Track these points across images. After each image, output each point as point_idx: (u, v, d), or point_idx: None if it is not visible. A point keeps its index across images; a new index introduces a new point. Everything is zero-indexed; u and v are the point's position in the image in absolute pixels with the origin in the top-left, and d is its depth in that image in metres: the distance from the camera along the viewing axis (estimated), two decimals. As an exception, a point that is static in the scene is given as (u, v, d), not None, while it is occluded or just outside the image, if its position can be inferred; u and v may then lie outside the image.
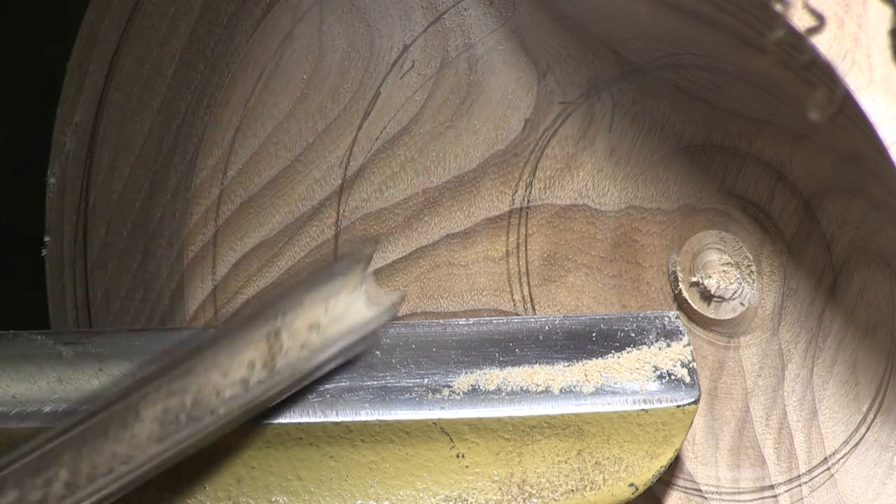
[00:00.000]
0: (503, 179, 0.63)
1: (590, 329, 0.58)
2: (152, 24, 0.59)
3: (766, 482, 0.61)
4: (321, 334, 0.52)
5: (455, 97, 0.62)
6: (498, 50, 0.61)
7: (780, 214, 0.61)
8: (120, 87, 0.59)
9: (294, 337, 0.52)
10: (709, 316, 0.62)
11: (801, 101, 0.55)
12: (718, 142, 0.61)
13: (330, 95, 0.61)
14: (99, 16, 0.59)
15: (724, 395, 0.62)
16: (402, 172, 0.62)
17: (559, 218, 0.63)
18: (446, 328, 0.58)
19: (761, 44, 0.54)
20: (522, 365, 0.57)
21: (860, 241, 0.59)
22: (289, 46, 0.60)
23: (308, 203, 0.62)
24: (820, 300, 0.61)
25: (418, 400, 0.55)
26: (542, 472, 0.56)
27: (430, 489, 0.55)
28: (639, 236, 0.63)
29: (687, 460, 0.62)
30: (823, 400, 0.61)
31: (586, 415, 0.56)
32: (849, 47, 0.50)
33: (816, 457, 0.60)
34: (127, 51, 0.59)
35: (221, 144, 0.61)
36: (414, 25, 0.61)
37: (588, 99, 0.61)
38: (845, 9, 0.50)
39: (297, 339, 0.52)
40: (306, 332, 0.52)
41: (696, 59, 0.59)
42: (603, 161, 0.62)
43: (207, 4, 0.59)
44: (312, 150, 0.62)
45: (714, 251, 0.62)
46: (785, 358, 0.61)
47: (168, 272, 0.61)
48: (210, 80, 0.60)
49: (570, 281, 0.63)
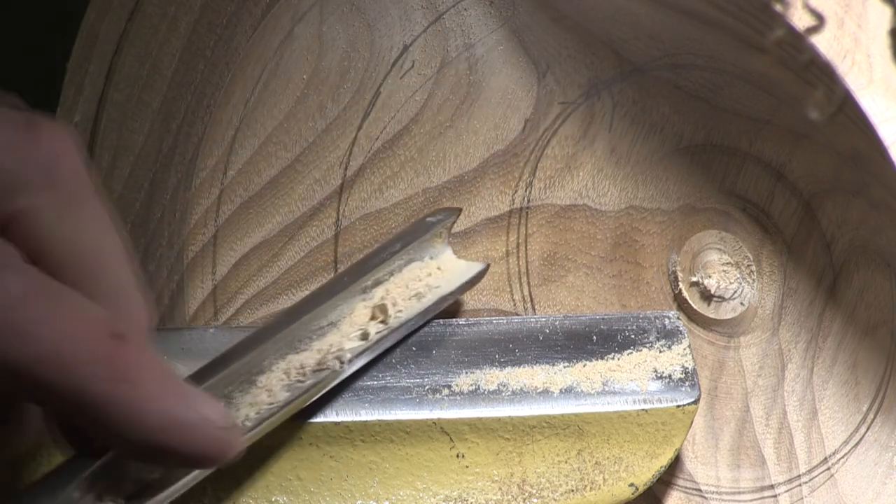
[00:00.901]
0: (503, 179, 0.62)
1: (590, 329, 0.58)
2: (152, 24, 0.59)
3: (766, 482, 0.61)
4: (429, 284, 0.58)
5: (455, 97, 0.62)
6: (498, 50, 0.61)
7: (780, 214, 0.61)
8: (120, 87, 0.59)
9: (403, 290, 0.57)
10: (709, 316, 0.62)
11: (801, 101, 0.55)
12: (718, 142, 0.61)
13: (330, 95, 0.61)
14: (99, 16, 0.59)
15: (724, 395, 0.62)
16: (402, 172, 0.62)
17: (559, 218, 0.63)
18: (446, 328, 0.58)
19: (761, 44, 0.54)
20: (522, 365, 0.57)
21: (860, 241, 0.59)
22: (289, 46, 0.60)
23: (308, 203, 0.62)
24: (820, 300, 0.61)
25: (418, 400, 0.55)
26: (542, 472, 0.56)
27: (430, 489, 0.55)
28: (639, 236, 0.63)
29: (687, 460, 0.62)
30: (823, 400, 0.60)
31: (586, 415, 0.56)
32: (849, 47, 0.50)
33: (816, 457, 0.60)
34: (127, 51, 0.59)
35: (221, 144, 0.61)
36: (414, 25, 0.61)
37: (588, 99, 0.61)
38: (845, 9, 0.50)
39: (407, 292, 0.57)
40: (415, 284, 0.57)
41: (696, 59, 0.59)
42: (603, 161, 0.62)
43: (207, 4, 0.59)
44: (312, 150, 0.62)
45: (714, 251, 0.62)
46: (785, 358, 0.61)
47: (168, 272, 0.61)
48: (210, 80, 0.60)
49: (570, 281, 0.63)
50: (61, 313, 0.44)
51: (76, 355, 0.44)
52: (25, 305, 0.44)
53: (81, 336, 0.44)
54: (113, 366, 0.45)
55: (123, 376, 0.45)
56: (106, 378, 0.45)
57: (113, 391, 0.45)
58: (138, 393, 0.45)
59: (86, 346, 0.44)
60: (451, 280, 0.58)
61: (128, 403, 0.45)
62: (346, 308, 0.56)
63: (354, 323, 0.56)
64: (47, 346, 0.44)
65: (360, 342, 0.55)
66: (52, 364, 0.44)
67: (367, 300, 0.56)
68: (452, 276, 0.59)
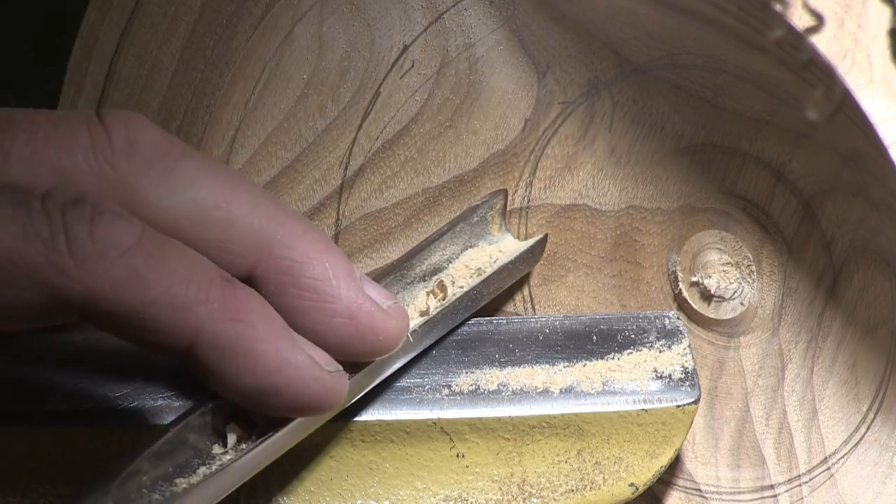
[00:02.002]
0: (503, 179, 0.63)
1: (590, 329, 0.58)
2: (152, 24, 0.59)
3: (766, 482, 0.61)
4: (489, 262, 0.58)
5: (455, 97, 0.62)
6: (498, 50, 0.61)
7: (780, 214, 0.61)
8: (120, 87, 0.59)
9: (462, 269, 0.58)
10: (709, 316, 0.62)
11: (801, 101, 0.55)
12: (718, 142, 0.61)
13: (330, 95, 0.61)
14: (99, 16, 0.59)
15: (724, 395, 0.62)
16: (402, 172, 0.62)
17: (559, 218, 0.63)
18: (446, 328, 0.58)
19: (761, 43, 0.54)
20: (522, 365, 0.57)
21: (860, 241, 0.59)
22: (289, 46, 0.60)
23: (308, 203, 0.62)
24: (820, 300, 0.61)
25: (418, 400, 0.56)
26: (542, 471, 0.56)
27: (430, 489, 0.55)
28: (639, 236, 0.63)
29: (687, 460, 0.62)
30: (823, 400, 0.61)
31: (586, 415, 0.56)
32: (849, 47, 0.50)
33: (816, 457, 0.60)
34: (127, 51, 0.59)
35: (221, 144, 0.61)
36: (414, 25, 0.61)
37: (588, 99, 0.61)
38: (845, 8, 0.50)
39: (467, 272, 0.58)
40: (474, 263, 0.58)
41: (696, 59, 0.59)
42: (603, 161, 0.62)
43: (207, 4, 0.59)
44: (312, 150, 0.62)
45: (714, 251, 0.62)
46: (785, 358, 0.61)
47: (168, 272, 0.61)
48: (210, 80, 0.60)
49: (570, 281, 0.63)
50: (172, 259, 0.46)
51: (189, 296, 0.45)
52: (139, 251, 0.45)
53: (193, 278, 0.46)
54: (226, 306, 0.46)
55: (236, 316, 0.46)
56: (219, 319, 0.46)
57: (227, 331, 0.46)
58: (251, 333, 0.46)
59: (198, 287, 0.46)
60: (510, 254, 0.59)
61: (241, 343, 0.46)
62: (408, 296, 0.56)
63: (417, 308, 0.56)
64: (162, 287, 0.45)
65: (420, 318, 0.55)
66: (167, 305, 0.45)
67: (428, 286, 0.57)
68: (511, 252, 0.59)
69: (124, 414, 0.52)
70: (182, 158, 0.48)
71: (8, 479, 0.52)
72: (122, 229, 0.45)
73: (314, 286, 0.49)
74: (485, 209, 0.60)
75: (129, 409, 0.52)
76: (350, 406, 0.54)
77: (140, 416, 0.52)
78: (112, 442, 0.52)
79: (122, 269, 0.45)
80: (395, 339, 0.51)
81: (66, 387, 0.52)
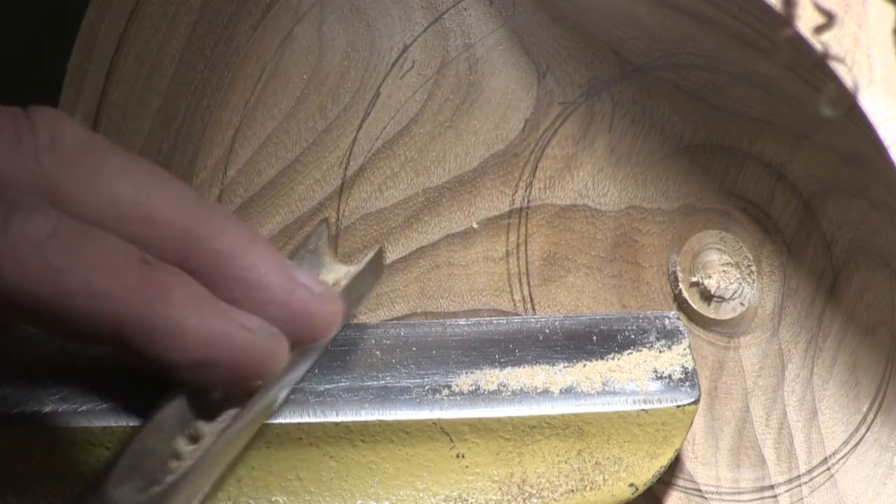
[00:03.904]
0: (503, 179, 0.63)
1: (590, 329, 0.58)
2: (152, 24, 0.59)
3: (766, 482, 0.61)
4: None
5: (455, 97, 0.62)
6: (498, 50, 0.61)
7: (780, 214, 0.61)
8: (120, 87, 0.59)
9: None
10: (709, 316, 0.62)
11: (801, 101, 0.55)
12: (718, 142, 0.61)
13: (330, 95, 0.61)
14: (99, 16, 0.59)
15: (724, 395, 0.62)
16: (402, 172, 0.62)
17: (559, 218, 0.63)
18: (446, 328, 0.58)
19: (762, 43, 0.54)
20: (522, 365, 0.57)
21: (860, 241, 0.59)
22: (289, 46, 0.60)
23: (308, 203, 0.62)
24: (820, 300, 0.61)
25: (418, 400, 0.55)
26: (542, 472, 0.56)
27: (430, 489, 0.55)
28: (639, 236, 0.63)
29: (687, 460, 0.62)
30: (823, 400, 0.61)
31: (586, 415, 0.56)
32: (849, 47, 0.50)
33: (816, 457, 0.60)
34: (127, 51, 0.59)
35: (221, 144, 0.61)
36: (414, 25, 0.61)
37: (588, 99, 0.61)
38: (845, 8, 0.50)
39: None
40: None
41: (696, 59, 0.59)
42: (603, 161, 0.62)
43: (207, 4, 0.59)
44: (312, 150, 0.62)
45: (714, 251, 0.62)
46: (785, 358, 0.61)
47: (168, 272, 0.61)
48: (210, 80, 0.60)
49: (570, 281, 0.63)
50: (88, 248, 0.46)
51: (106, 283, 0.45)
52: (54, 242, 0.45)
53: (110, 265, 0.46)
54: (145, 290, 0.46)
55: (157, 297, 0.46)
56: (139, 303, 0.46)
57: (148, 314, 0.46)
58: (173, 312, 0.46)
59: (115, 273, 0.46)
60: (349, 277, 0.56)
61: (164, 323, 0.46)
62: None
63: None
64: (78, 276, 0.45)
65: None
66: (84, 295, 0.45)
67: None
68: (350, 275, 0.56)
69: (124, 413, 0.52)
70: (106, 155, 0.48)
71: (8, 479, 0.52)
72: (37, 223, 0.45)
73: (244, 276, 0.49)
74: (314, 242, 0.57)
75: (129, 408, 0.52)
76: (349, 406, 0.54)
77: (141, 415, 0.52)
78: (112, 442, 0.52)
79: (36, 262, 0.45)
80: (331, 322, 0.51)
81: (66, 387, 0.52)
